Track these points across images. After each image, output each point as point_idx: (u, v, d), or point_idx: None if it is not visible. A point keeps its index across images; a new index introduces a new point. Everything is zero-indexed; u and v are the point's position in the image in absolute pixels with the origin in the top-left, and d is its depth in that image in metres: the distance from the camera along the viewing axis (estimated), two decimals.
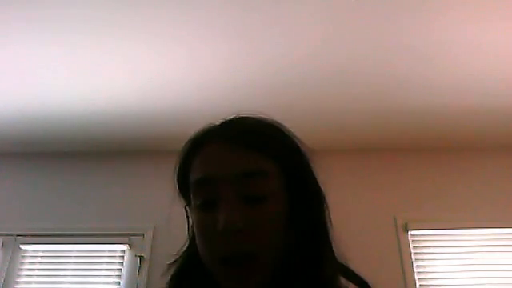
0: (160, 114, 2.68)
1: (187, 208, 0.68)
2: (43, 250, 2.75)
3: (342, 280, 0.63)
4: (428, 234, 2.73)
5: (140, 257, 2.63)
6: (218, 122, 0.68)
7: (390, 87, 2.48)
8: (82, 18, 2.02)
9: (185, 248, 0.68)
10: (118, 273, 2.66)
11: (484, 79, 2.41)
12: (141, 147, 2.99)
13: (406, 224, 2.72)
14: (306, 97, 2.55)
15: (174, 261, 0.67)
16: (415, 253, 2.67)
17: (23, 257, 2.71)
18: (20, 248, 2.71)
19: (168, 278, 0.66)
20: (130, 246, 2.70)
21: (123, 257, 2.70)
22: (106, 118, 2.72)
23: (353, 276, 0.64)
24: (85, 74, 2.37)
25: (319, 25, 2.07)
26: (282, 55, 2.25)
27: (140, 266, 2.61)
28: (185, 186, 0.65)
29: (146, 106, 2.62)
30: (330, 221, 0.65)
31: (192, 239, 0.67)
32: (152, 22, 2.05)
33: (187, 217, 0.68)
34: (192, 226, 0.67)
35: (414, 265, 2.62)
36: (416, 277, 2.59)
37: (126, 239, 2.71)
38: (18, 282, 2.64)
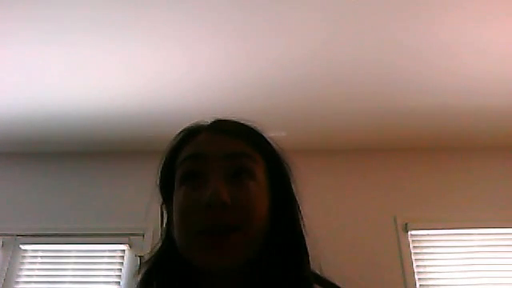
0: (160, 113, 2.68)
1: (163, 207, 0.68)
2: (43, 250, 2.75)
3: None
4: (428, 234, 2.73)
5: (140, 257, 2.63)
6: (207, 120, 0.70)
7: (390, 87, 2.48)
8: (81, 18, 2.02)
9: (157, 248, 0.67)
10: (118, 273, 2.67)
11: (484, 79, 2.41)
12: (141, 147, 2.99)
13: (405, 224, 2.72)
14: (306, 97, 2.55)
15: (147, 261, 0.66)
16: (415, 253, 2.67)
17: (23, 257, 2.71)
18: (20, 248, 2.71)
19: (140, 276, 0.65)
20: (130, 246, 2.70)
21: (123, 257, 2.70)
22: (106, 118, 2.72)
23: (328, 284, 0.64)
24: (84, 74, 2.37)
25: (319, 25, 2.07)
26: (282, 55, 2.25)
27: (140, 266, 2.61)
28: (168, 179, 0.66)
29: (146, 105, 2.62)
30: (305, 229, 0.65)
31: (165, 239, 0.66)
32: (152, 22, 2.05)
33: (161, 217, 0.68)
34: (166, 225, 0.67)
35: (414, 265, 2.62)
36: (416, 277, 2.59)
37: (126, 239, 2.71)
38: (17, 282, 2.64)
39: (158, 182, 0.68)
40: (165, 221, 0.68)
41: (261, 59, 2.28)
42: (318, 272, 0.64)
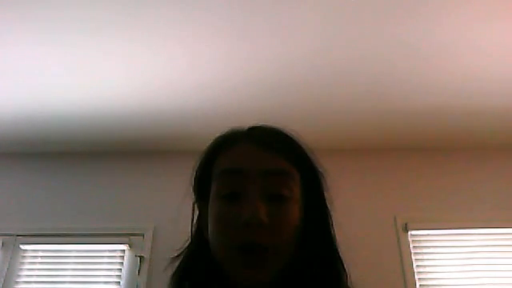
0: (160, 114, 2.68)
1: (194, 206, 0.70)
2: (43, 250, 2.75)
3: None
4: (428, 234, 2.73)
5: (140, 257, 2.63)
6: (245, 127, 0.71)
7: (390, 87, 2.48)
8: (81, 18, 2.02)
9: (187, 245, 0.69)
10: (118, 273, 2.66)
11: (484, 79, 2.41)
12: (141, 147, 2.99)
13: (405, 224, 2.72)
14: (306, 97, 2.55)
15: (176, 256, 0.68)
16: (415, 253, 2.67)
17: (23, 257, 2.71)
18: (20, 248, 2.71)
19: (170, 274, 0.67)
20: (130, 246, 2.70)
21: (123, 257, 2.70)
22: (106, 118, 2.72)
23: None
24: (84, 74, 2.38)
25: (319, 25, 2.08)
26: (282, 55, 2.25)
27: (140, 266, 2.61)
28: (203, 181, 0.68)
29: (146, 106, 2.62)
30: (336, 240, 0.67)
31: (195, 237, 0.68)
32: (152, 21, 2.05)
33: (193, 214, 0.70)
34: (196, 224, 0.69)
35: (414, 265, 2.62)
36: (416, 277, 2.59)
37: (126, 239, 2.70)
38: (17, 282, 2.64)
39: (192, 182, 0.70)
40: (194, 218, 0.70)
41: (261, 59, 2.28)
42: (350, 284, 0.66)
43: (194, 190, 0.70)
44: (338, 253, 0.66)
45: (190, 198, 0.70)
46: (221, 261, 0.61)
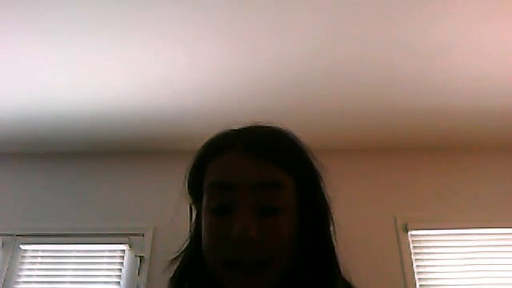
0: (160, 114, 2.68)
1: (192, 206, 0.69)
2: (43, 250, 2.75)
3: None
4: (428, 234, 2.73)
5: (140, 257, 2.63)
6: (235, 128, 0.68)
7: (390, 87, 2.48)
8: (81, 19, 2.02)
9: (186, 246, 0.68)
10: (118, 273, 2.66)
11: (484, 79, 2.41)
12: (140, 147, 2.99)
13: (405, 224, 2.72)
14: (306, 97, 2.55)
15: (176, 257, 0.68)
16: (415, 253, 2.67)
17: (23, 257, 2.71)
18: (20, 248, 2.71)
19: (169, 275, 0.66)
20: (130, 246, 2.70)
21: (123, 257, 2.70)
22: (106, 118, 2.72)
23: None
24: (84, 74, 2.38)
25: (319, 25, 2.08)
26: (282, 55, 2.25)
27: (140, 266, 2.61)
28: (195, 186, 0.66)
29: (146, 106, 2.62)
30: (336, 238, 0.66)
31: (194, 237, 0.68)
32: (152, 22, 2.05)
33: (190, 215, 0.69)
34: (194, 224, 0.68)
35: (414, 265, 2.62)
36: (416, 277, 2.59)
37: (126, 239, 2.71)
38: (17, 282, 2.64)
39: (186, 187, 0.69)
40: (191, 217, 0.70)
41: (261, 59, 2.28)
42: (347, 280, 0.65)
43: (189, 194, 0.69)
44: (335, 254, 0.64)
45: (187, 200, 0.70)
46: (214, 275, 0.60)
